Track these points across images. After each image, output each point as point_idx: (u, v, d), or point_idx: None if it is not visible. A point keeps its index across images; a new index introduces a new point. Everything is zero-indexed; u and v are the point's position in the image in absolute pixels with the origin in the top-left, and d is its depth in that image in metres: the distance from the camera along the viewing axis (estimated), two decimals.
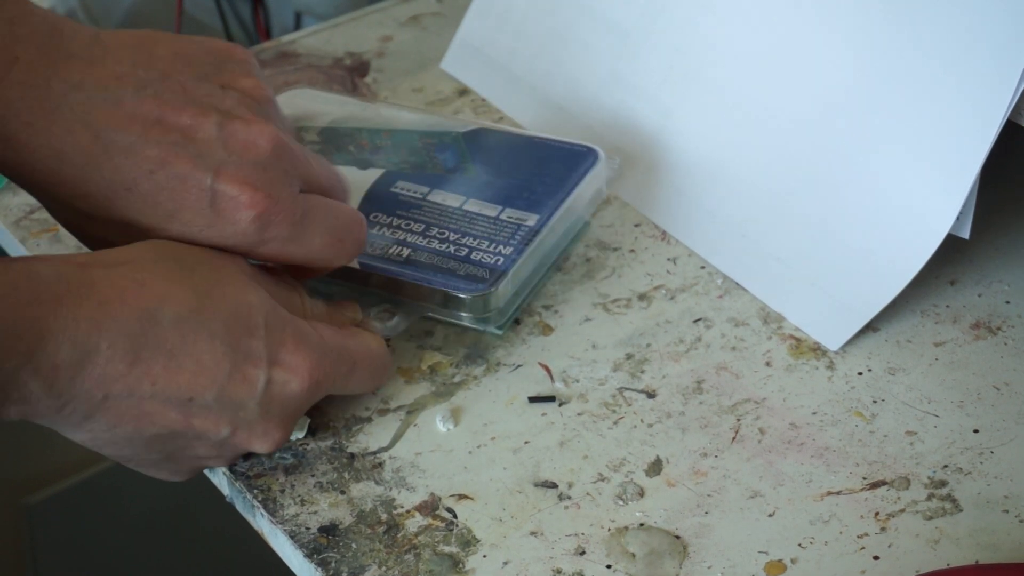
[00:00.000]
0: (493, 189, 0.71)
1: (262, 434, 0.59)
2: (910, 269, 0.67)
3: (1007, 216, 0.75)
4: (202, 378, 0.56)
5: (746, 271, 0.72)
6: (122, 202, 0.58)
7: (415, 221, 0.70)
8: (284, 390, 0.59)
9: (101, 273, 0.55)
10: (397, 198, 0.71)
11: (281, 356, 0.59)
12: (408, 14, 0.94)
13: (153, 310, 0.55)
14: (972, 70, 0.66)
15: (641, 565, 0.58)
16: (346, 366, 0.62)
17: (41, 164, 0.58)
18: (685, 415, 0.64)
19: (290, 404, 0.59)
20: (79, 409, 0.54)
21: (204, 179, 0.58)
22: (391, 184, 0.72)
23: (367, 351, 0.63)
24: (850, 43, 0.70)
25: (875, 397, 0.65)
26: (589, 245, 0.74)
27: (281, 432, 0.60)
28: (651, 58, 0.78)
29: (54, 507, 1.14)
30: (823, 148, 0.71)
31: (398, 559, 0.58)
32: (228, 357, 0.57)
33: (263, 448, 0.60)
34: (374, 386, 0.65)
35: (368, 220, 0.68)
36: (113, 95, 0.58)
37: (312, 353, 0.59)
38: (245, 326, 0.58)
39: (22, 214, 0.77)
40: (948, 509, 0.60)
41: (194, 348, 0.56)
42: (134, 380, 0.55)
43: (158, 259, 0.57)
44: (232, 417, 0.58)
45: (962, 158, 0.65)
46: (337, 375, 0.61)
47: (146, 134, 0.58)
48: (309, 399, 0.60)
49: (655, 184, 0.76)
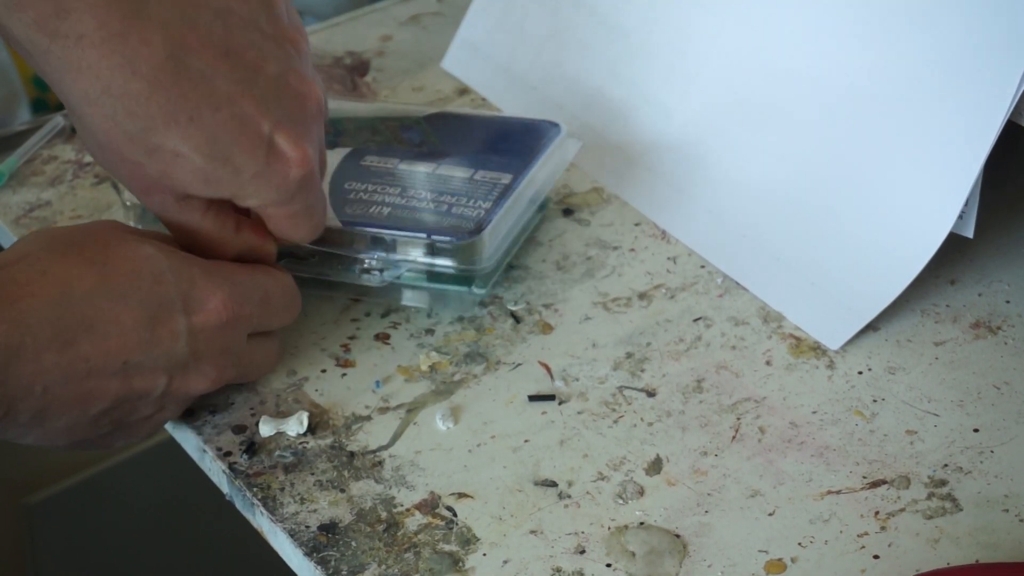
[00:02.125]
0: (462, 157, 0.73)
1: (196, 373, 0.60)
2: (911, 269, 0.67)
3: (1007, 216, 0.75)
4: (128, 339, 0.57)
5: (746, 270, 0.72)
6: (180, 132, 0.57)
7: (391, 186, 0.71)
8: (205, 326, 0.60)
9: (2, 275, 0.56)
10: (369, 169, 0.72)
11: (193, 295, 0.60)
12: (408, 14, 0.94)
13: (63, 293, 0.56)
14: (972, 70, 0.66)
15: (641, 564, 0.58)
16: (258, 295, 0.62)
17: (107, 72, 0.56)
18: (685, 414, 0.64)
19: (215, 340, 0.60)
20: (23, 409, 0.55)
21: (264, 126, 0.58)
22: (360, 159, 0.73)
23: (276, 281, 0.64)
24: (851, 43, 0.70)
25: (875, 396, 0.65)
26: (589, 244, 0.74)
27: (214, 368, 0.61)
28: (651, 58, 0.78)
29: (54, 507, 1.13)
30: (824, 148, 0.71)
31: (398, 557, 0.58)
32: (144, 310, 0.58)
33: (201, 387, 0.61)
34: (289, 318, 0.65)
35: (343, 189, 0.70)
36: (190, 16, 0.57)
37: (223, 285, 0.60)
38: (151, 276, 0.58)
39: (21, 212, 0.77)
40: (948, 508, 0.60)
41: (111, 313, 0.57)
42: (67, 364, 0.56)
43: (48, 247, 0.58)
44: (166, 366, 0.59)
45: (963, 158, 0.65)
46: (252, 307, 0.62)
47: (216, 64, 0.57)
48: (233, 332, 0.61)
49: (655, 183, 0.76)
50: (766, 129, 0.73)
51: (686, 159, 0.76)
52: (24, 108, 1.39)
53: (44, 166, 0.80)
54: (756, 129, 0.74)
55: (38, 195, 0.78)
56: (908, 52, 0.68)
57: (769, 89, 0.73)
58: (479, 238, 0.67)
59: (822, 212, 0.70)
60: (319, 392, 0.66)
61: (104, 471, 1.15)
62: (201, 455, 0.64)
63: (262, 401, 0.65)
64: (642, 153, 0.77)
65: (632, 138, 0.77)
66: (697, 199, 0.75)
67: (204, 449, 0.63)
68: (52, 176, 0.79)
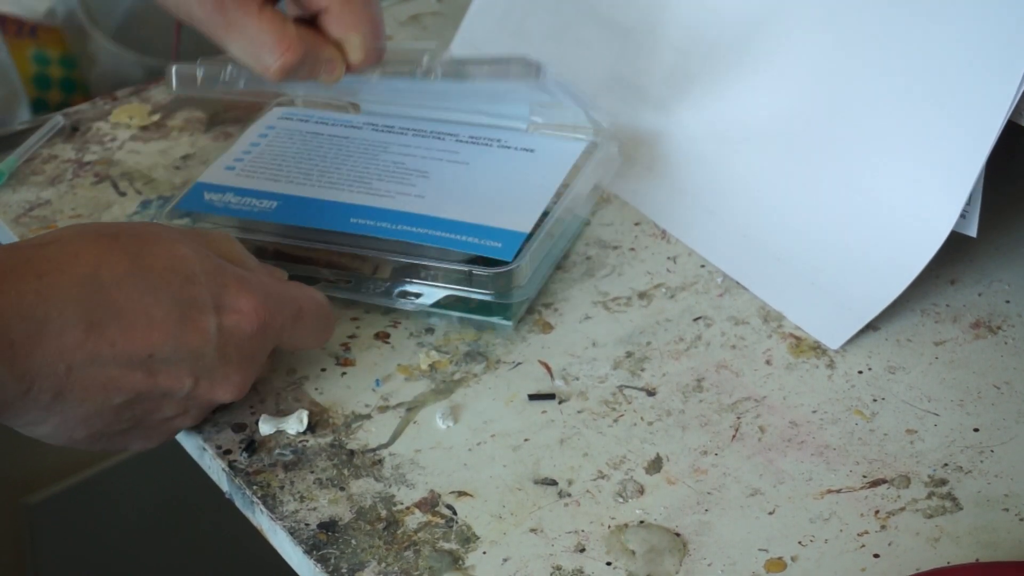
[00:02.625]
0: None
1: (223, 379, 0.60)
2: (912, 269, 0.67)
3: (1007, 216, 0.75)
4: (156, 332, 0.57)
5: (746, 270, 0.72)
6: None
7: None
8: (236, 332, 0.60)
9: (33, 251, 0.56)
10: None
11: (225, 300, 0.59)
12: (408, 13, 0.94)
13: (92, 275, 0.56)
14: (973, 71, 0.66)
15: (641, 562, 0.57)
16: (291, 309, 0.62)
17: None
18: (685, 413, 0.64)
19: (244, 346, 0.60)
20: (45, 387, 0.55)
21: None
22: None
23: (311, 299, 0.64)
24: (852, 42, 0.70)
25: (875, 396, 0.65)
26: (589, 243, 0.74)
27: (240, 376, 0.61)
28: (652, 58, 0.78)
29: (54, 507, 1.13)
30: (824, 147, 0.71)
31: (398, 556, 0.58)
32: (176, 307, 0.58)
33: (227, 395, 0.61)
34: (322, 339, 0.65)
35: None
36: None
37: (256, 293, 0.60)
38: (184, 276, 0.58)
39: (21, 211, 0.77)
40: (948, 507, 0.60)
41: (140, 304, 0.57)
42: (92, 345, 0.55)
43: (82, 234, 0.58)
44: (193, 367, 0.59)
45: (964, 158, 0.65)
46: (284, 318, 0.62)
47: None
48: (262, 341, 0.61)
49: (655, 183, 0.76)
50: (767, 128, 0.73)
51: (686, 159, 0.76)
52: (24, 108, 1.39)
53: (44, 165, 0.80)
54: (757, 128, 0.74)
55: (38, 194, 0.78)
56: (909, 51, 0.68)
57: (770, 88, 0.73)
58: (517, 267, 0.67)
59: (822, 211, 0.70)
60: (319, 391, 0.66)
61: (104, 471, 1.15)
62: (201, 453, 0.64)
63: (262, 400, 0.65)
64: (642, 153, 0.77)
65: (632, 138, 0.77)
66: (697, 199, 0.75)
67: (204, 447, 0.63)
68: (52, 175, 0.79)
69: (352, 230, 0.69)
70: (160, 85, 0.87)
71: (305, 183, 0.73)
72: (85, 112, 0.85)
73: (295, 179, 0.73)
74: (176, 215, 0.72)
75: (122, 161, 0.81)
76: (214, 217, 0.71)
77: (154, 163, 0.80)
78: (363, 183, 0.72)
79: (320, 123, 0.77)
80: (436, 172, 0.73)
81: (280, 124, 0.78)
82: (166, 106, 0.85)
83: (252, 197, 0.72)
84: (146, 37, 1.42)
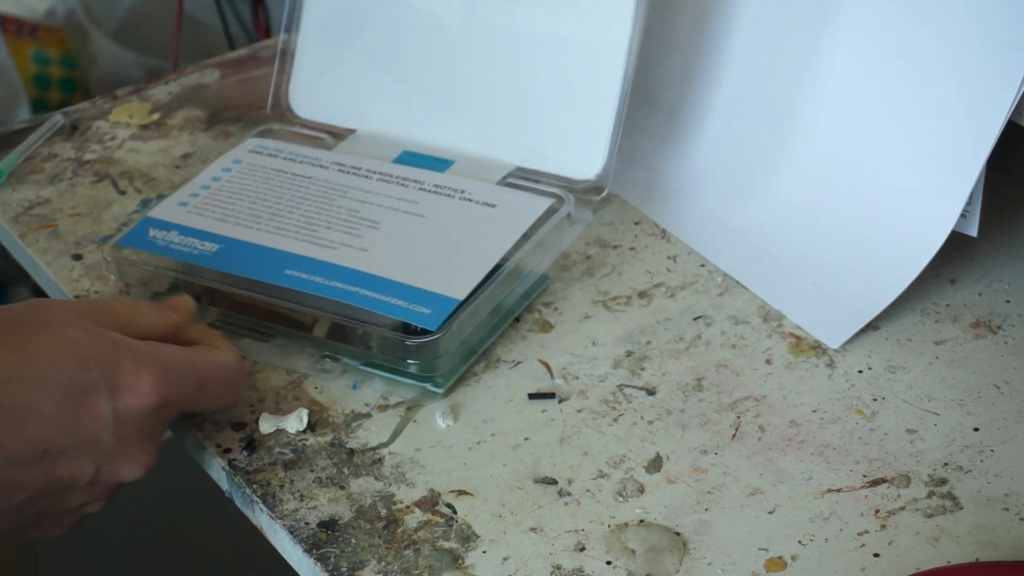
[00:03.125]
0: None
1: (126, 460, 0.58)
2: (912, 269, 0.67)
3: (1007, 215, 0.75)
4: (48, 427, 0.55)
5: (746, 269, 0.72)
6: None
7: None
8: (133, 412, 0.57)
9: None
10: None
11: (120, 380, 0.57)
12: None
13: None
14: (973, 71, 0.66)
15: (641, 561, 0.57)
16: (194, 380, 0.60)
17: None
18: (685, 412, 0.64)
19: (144, 425, 0.58)
20: None
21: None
22: None
23: (216, 365, 0.62)
24: (852, 43, 0.70)
25: (875, 395, 0.65)
26: (589, 243, 0.74)
27: (145, 453, 0.59)
28: (651, 58, 0.78)
29: None
30: (824, 147, 0.71)
31: (397, 554, 0.58)
32: (67, 396, 0.56)
33: (133, 474, 0.59)
34: (231, 401, 0.64)
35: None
36: None
37: (153, 369, 0.58)
38: (75, 362, 0.56)
39: (21, 209, 0.77)
40: (948, 507, 0.60)
41: (28, 400, 0.55)
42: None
43: None
44: (92, 453, 0.57)
45: (964, 158, 0.65)
46: (186, 390, 0.60)
47: None
48: (163, 417, 0.59)
49: (655, 183, 0.76)
50: (766, 128, 0.73)
51: (686, 159, 0.76)
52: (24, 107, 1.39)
53: (43, 164, 0.80)
54: (756, 128, 0.74)
55: (37, 192, 0.78)
56: (909, 52, 0.68)
57: (770, 88, 0.73)
58: (442, 336, 0.64)
59: (822, 211, 0.70)
60: (319, 389, 0.66)
61: None
62: (200, 452, 0.64)
63: (262, 398, 0.65)
64: (642, 152, 0.77)
65: (632, 137, 0.77)
66: (697, 199, 0.75)
67: (204, 446, 0.63)
68: (51, 174, 0.79)
69: (284, 283, 0.66)
70: (160, 84, 0.87)
71: (252, 226, 0.69)
72: (85, 111, 0.85)
73: (243, 221, 0.70)
74: (117, 251, 0.69)
75: (122, 160, 0.81)
76: (154, 257, 0.69)
77: (154, 162, 0.81)
78: (310, 230, 0.69)
79: (288, 159, 0.74)
80: (388, 223, 0.69)
81: (248, 158, 0.75)
82: (166, 105, 0.85)
83: (195, 238, 0.69)
84: (146, 37, 1.42)
